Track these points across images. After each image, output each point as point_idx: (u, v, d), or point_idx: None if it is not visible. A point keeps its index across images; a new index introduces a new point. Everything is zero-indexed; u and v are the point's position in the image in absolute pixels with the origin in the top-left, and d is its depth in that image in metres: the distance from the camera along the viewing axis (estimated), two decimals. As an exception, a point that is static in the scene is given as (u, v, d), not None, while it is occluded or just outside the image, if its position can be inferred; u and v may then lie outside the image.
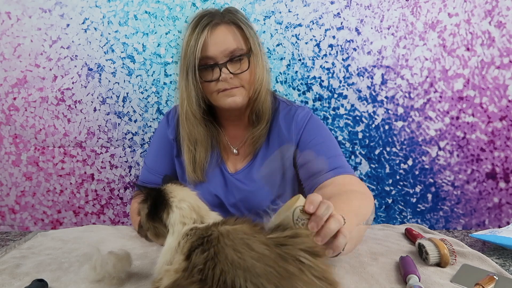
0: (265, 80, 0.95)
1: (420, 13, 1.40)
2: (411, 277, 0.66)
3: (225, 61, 0.90)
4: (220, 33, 0.90)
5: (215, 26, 0.90)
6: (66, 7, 1.40)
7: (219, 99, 0.94)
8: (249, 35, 0.92)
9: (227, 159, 1.05)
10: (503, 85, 1.41)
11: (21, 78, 1.42)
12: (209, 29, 0.89)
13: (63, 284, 0.71)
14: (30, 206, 1.49)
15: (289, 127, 0.99)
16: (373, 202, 0.88)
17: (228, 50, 0.90)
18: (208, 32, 0.89)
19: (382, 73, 1.42)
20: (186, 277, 0.50)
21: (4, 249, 0.87)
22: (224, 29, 0.91)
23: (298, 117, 1.00)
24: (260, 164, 1.00)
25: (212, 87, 0.93)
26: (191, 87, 0.92)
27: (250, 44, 0.92)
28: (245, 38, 0.92)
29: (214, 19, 0.91)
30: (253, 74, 0.93)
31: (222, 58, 0.90)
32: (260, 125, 0.98)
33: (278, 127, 1.00)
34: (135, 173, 1.47)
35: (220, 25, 0.91)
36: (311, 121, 1.00)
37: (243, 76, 0.92)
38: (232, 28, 0.92)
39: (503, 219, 1.45)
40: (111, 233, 1.00)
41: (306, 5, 1.40)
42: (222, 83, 0.91)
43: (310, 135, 0.98)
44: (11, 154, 1.46)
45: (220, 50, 0.89)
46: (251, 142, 1.00)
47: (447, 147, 1.44)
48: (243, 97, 0.93)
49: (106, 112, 1.45)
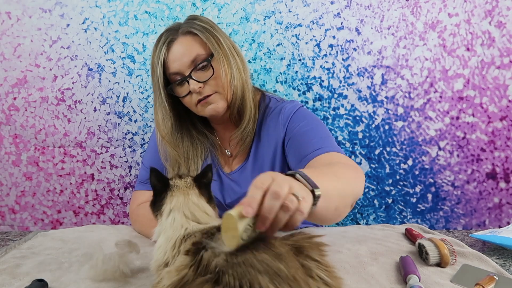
0: (238, 78, 0.92)
1: (420, 13, 1.40)
2: (411, 277, 0.66)
3: (189, 72, 0.89)
4: (177, 47, 0.90)
5: (171, 43, 0.91)
6: (66, 7, 1.40)
7: (200, 110, 0.94)
8: (206, 40, 0.90)
9: (223, 162, 1.05)
10: (503, 85, 1.41)
11: (21, 78, 1.42)
12: (165, 46, 0.90)
13: (63, 284, 0.71)
14: (30, 206, 1.49)
15: (276, 121, 0.98)
16: (362, 174, 0.82)
17: (189, 61, 0.89)
18: (165, 50, 0.90)
19: (382, 73, 1.42)
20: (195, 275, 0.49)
21: (4, 249, 0.87)
22: (181, 42, 0.91)
23: (285, 109, 0.98)
24: (253, 162, 1.01)
25: (189, 101, 0.93)
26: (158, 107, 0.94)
27: (209, 48, 0.91)
28: (204, 43, 0.91)
29: (170, 35, 0.91)
30: (221, 76, 0.91)
31: (186, 70, 0.90)
32: (243, 124, 0.97)
33: (267, 124, 1.00)
34: (135, 173, 1.47)
35: (176, 39, 0.91)
36: (298, 111, 0.98)
37: (212, 82, 0.91)
38: (188, 37, 0.91)
39: (503, 219, 1.45)
40: (111, 233, 1.00)
41: (306, 5, 1.40)
42: (195, 95, 0.91)
43: (296, 122, 0.96)
44: (11, 154, 1.46)
45: (181, 63, 0.89)
46: (239, 142, 1.00)
47: (447, 147, 1.44)
48: (222, 102, 0.93)
49: (106, 112, 1.45)
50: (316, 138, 0.90)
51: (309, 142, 0.90)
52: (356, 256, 0.79)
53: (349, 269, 0.73)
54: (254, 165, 1.00)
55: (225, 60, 0.91)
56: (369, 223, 1.48)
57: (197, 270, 0.49)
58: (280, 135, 0.97)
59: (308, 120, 0.96)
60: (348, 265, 0.75)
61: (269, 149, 0.99)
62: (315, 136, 0.91)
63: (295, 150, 0.93)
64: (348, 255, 0.80)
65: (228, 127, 1.03)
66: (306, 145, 0.90)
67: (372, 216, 1.48)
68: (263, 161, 1.00)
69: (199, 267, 0.49)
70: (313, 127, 0.94)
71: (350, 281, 0.68)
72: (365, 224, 1.48)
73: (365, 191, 1.46)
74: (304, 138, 0.92)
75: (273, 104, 1.03)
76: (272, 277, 0.45)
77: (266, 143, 1.00)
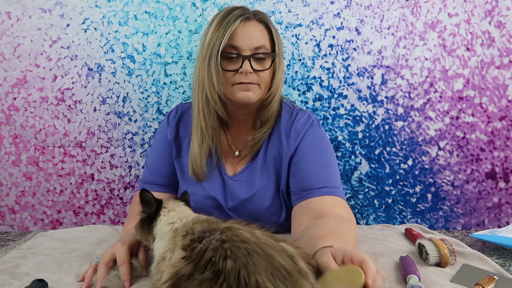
0: (280, 84, 0.96)
1: (420, 13, 1.40)
2: (411, 277, 0.66)
3: (249, 54, 0.90)
4: (250, 27, 0.91)
5: (247, 20, 0.91)
6: (66, 7, 1.40)
7: (233, 91, 0.93)
8: (275, 38, 0.94)
9: (227, 161, 1.04)
10: (503, 85, 1.41)
11: (21, 78, 1.42)
12: (241, 20, 0.90)
13: (63, 284, 0.71)
14: (30, 206, 1.49)
15: (288, 132, 0.98)
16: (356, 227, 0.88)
17: (255, 45, 0.90)
18: (240, 23, 0.89)
19: (382, 73, 1.42)
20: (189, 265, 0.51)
21: (4, 249, 0.87)
22: (255, 25, 0.93)
23: (298, 123, 0.99)
24: (258, 167, 1.00)
25: (229, 77, 0.92)
26: (213, 72, 0.90)
27: (275, 46, 0.94)
28: (272, 39, 0.94)
29: (246, 13, 0.92)
30: (272, 76, 0.94)
31: (247, 51, 0.90)
32: (263, 129, 0.98)
33: (279, 132, 1.00)
34: (135, 173, 1.47)
35: (252, 20, 0.93)
36: (311, 129, 0.99)
37: (262, 75, 0.92)
38: (262, 26, 0.94)
39: (503, 219, 1.45)
40: (111, 233, 1.00)
41: (306, 5, 1.40)
42: (241, 75, 0.90)
43: (308, 145, 0.97)
44: (11, 154, 1.46)
45: (247, 43, 0.90)
46: (252, 144, 1.00)
47: (447, 147, 1.44)
48: (257, 94, 0.93)
49: (106, 112, 1.45)
50: (324, 172, 0.93)
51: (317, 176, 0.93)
52: (356, 256, 0.79)
53: (349, 269, 0.73)
54: (262, 168, 1.00)
55: (281, 64, 0.95)
56: (369, 223, 1.48)
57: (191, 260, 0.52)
58: (290, 149, 0.97)
59: (320, 145, 0.98)
60: (348, 265, 0.75)
61: (276, 156, 0.99)
62: (324, 169, 0.94)
63: (298, 177, 0.95)
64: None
65: (243, 126, 1.03)
66: (311, 178, 0.93)
67: (372, 216, 1.48)
68: (268, 166, 1.00)
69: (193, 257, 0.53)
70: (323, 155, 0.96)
71: (350, 281, 0.68)
72: (365, 224, 1.48)
73: (365, 191, 1.47)
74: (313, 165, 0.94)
75: (285, 110, 1.03)
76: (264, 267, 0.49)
77: (274, 150, 0.99)
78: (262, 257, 0.49)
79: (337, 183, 0.94)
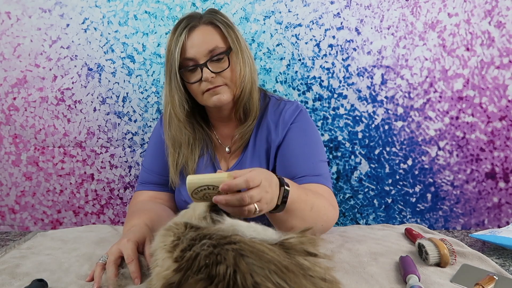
0: (249, 77, 0.95)
1: (420, 13, 1.40)
2: (411, 277, 0.66)
3: (205, 61, 0.91)
4: (197, 35, 0.92)
5: (192, 29, 0.92)
6: (66, 7, 1.40)
7: (205, 99, 0.95)
8: (227, 34, 0.93)
9: (221, 158, 1.06)
10: (502, 85, 1.41)
11: (21, 78, 1.42)
12: (186, 31, 0.91)
13: (63, 284, 0.71)
14: (30, 206, 1.49)
15: (277, 122, 1.00)
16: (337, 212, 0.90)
17: (207, 49, 0.91)
18: (186, 35, 0.91)
19: (382, 73, 1.42)
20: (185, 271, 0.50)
21: (4, 249, 0.87)
22: (202, 30, 0.93)
23: (286, 113, 1.00)
24: (248, 160, 1.01)
25: (197, 88, 0.94)
26: (174, 90, 0.94)
27: (229, 42, 0.93)
28: (224, 36, 0.94)
29: (192, 22, 0.93)
30: (235, 71, 0.94)
31: (202, 58, 0.91)
32: (248, 122, 0.99)
33: (267, 123, 1.01)
34: (135, 173, 1.47)
35: (198, 26, 0.93)
36: (299, 118, 1.00)
37: (225, 74, 0.93)
38: (210, 28, 0.94)
39: (503, 219, 1.45)
40: (111, 233, 1.00)
41: (306, 5, 1.40)
42: (205, 83, 0.92)
43: (294, 134, 0.98)
44: (11, 154, 1.46)
45: (199, 50, 0.91)
46: (239, 139, 1.01)
47: (446, 147, 1.44)
48: (228, 94, 0.94)
49: (106, 112, 1.45)
50: (311, 160, 0.94)
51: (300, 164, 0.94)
52: (355, 256, 0.80)
53: (348, 269, 0.73)
54: (252, 160, 1.01)
55: (241, 56, 0.94)
56: (368, 223, 1.48)
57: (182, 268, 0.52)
58: (278, 138, 0.99)
59: (307, 133, 0.99)
60: (347, 265, 0.75)
61: (266, 147, 1.00)
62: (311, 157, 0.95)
63: (283, 166, 0.97)
64: (347, 255, 0.80)
65: (228, 124, 1.04)
66: (295, 167, 0.94)
67: (371, 216, 1.48)
68: (260, 158, 1.01)
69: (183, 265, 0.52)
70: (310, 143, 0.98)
71: (349, 281, 0.69)
72: (364, 224, 1.48)
73: (364, 191, 1.47)
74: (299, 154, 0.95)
75: (273, 102, 1.04)
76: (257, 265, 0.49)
77: (263, 141, 1.00)
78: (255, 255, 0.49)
79: (320, 170, 0.94)
